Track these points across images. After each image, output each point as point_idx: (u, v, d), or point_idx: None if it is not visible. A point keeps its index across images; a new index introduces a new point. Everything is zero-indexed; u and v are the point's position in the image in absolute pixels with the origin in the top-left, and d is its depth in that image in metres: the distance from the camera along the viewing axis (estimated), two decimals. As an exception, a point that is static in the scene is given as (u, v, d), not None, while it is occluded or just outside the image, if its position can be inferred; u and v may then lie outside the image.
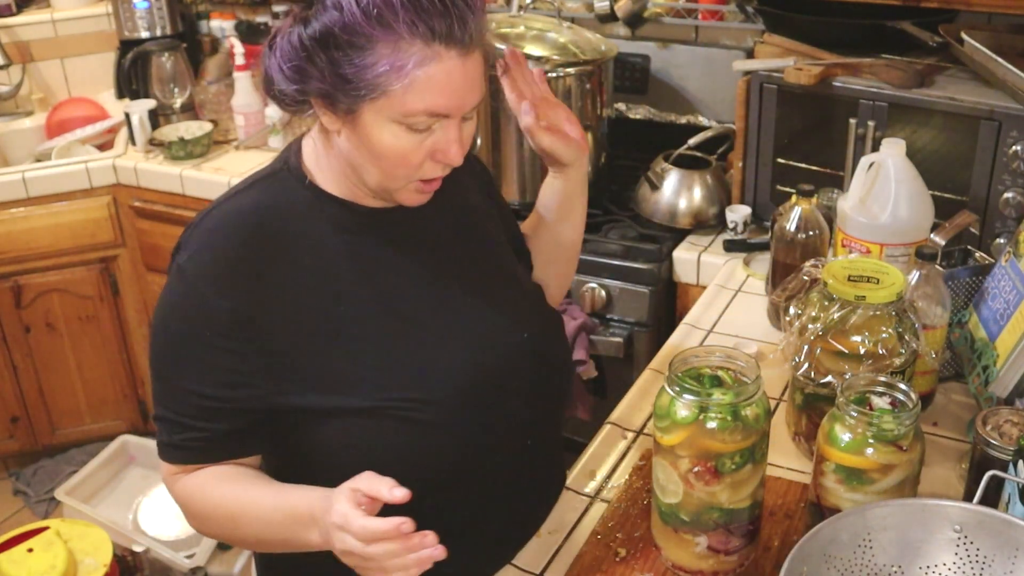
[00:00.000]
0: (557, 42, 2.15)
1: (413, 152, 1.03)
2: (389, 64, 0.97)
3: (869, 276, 1.24)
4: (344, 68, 0.98)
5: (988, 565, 0.94)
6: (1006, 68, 1.65)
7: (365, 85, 0.99)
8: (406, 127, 1.01)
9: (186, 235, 1.12)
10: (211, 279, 1.06)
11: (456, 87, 1.00)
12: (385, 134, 1.02)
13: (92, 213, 2.70)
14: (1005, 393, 1.27)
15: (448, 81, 0.99)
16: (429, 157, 1.05)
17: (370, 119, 1.01)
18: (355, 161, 1.07)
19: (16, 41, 2.99)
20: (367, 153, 1.04)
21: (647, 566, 1.16)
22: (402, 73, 0.97)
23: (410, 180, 1.07)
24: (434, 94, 0.99)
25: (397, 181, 1.07)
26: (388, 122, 1.01)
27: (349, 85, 0.99)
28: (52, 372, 2.85)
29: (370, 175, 1.07)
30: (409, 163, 1.04)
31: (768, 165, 1.97)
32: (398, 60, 0.97)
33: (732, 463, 1.04)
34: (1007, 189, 1.68)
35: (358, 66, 0.98)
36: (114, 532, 2.34)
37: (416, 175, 1.06)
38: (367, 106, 1.00)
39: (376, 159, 1.04)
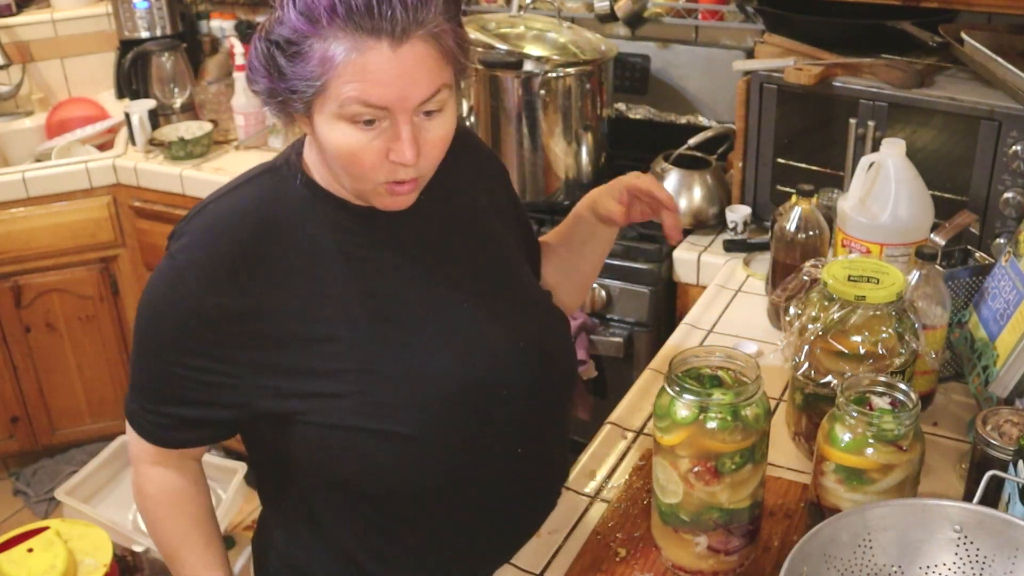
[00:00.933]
0: (557, 42, 2.15)
1: (363, 150, 1.01)
2: (320, 58, 0.97)
3: (869, 276, 1.24)
4: (287, 70, 0.99)
5: (988, 565, 0.94)
6: (1006, 68, 1.65)
7: (304, 83, 0.99)
8: (349, 122, 1.00)
9: (182, 225, 1.12)
10: (201, 275, 1.06)
11: (389, 78, 0.98)
12: (334, 132, 1.01)
13: (92, 213, 2.70)
14: (1005, 393, 1.27)
15: (379, 71, 0.97)
16: (385, 158, 1.02)
17: (320, 119, 1.01)
18: (328, 162, 1.07)
19: (16, 41, 2.99)
20: (327, 155, 1.04)
21: (647, 566, 1.16)
22: (331, 64, 0.97)
23: (374, 182, 1.04)
24: (365, 84, 0.97)
25: (362, 183, 1.05)
26: (333, 119, 1.00)
27: (293, 84, 0.99)
28: (52, 372, 2.85)
29: (344, 178, 1.07)
30: (362, 163, 1.02)
31: (768, 165, 1.97)
32: (327, 52, 0.97)
33: (732, 463, 1.04)
34: (1007, 189, 1.68)
35: (297, 65, 0.98)
36: (114, 532, 2.34)
37: (377, 177, 1.04)
38: (315, 106, 1.00)
39: (333, 160, 1.04)
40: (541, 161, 2.18)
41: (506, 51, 2.09)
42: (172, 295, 1.08)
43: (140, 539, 2.42)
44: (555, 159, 2.19)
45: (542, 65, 2.09)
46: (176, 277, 1.08)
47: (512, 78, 2.10)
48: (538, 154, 2.18)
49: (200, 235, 1.09)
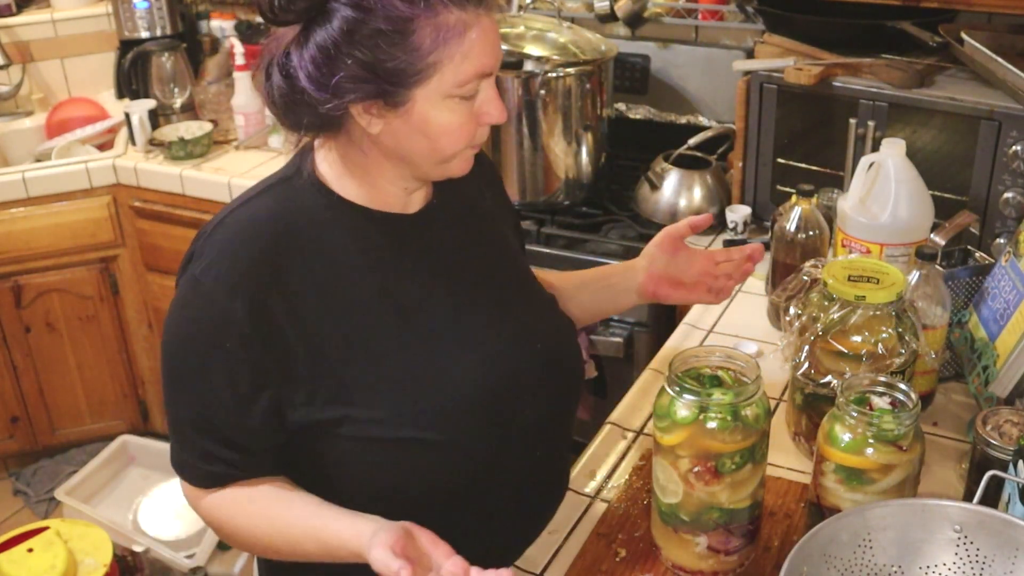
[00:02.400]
0: (557, 42, 2.15)
1: (468, 121, 1.04)
2: (435, 41, 0.97)
3: (869, 276, 1.24)
4: (390, 62, 0.97)
5: (988, 565, 0.94)
6: (1006, 68, 1.65)
7: (416, 70, 0.98)
8: (460, 98, 1.01)
9: (198, 244, 1.08)
10: (228, 287, 1.03)
11: (494, 43, 1.01)
12: (443, 112, 1.01)
13: (92, 213, 2.70)
14: (1005, 393, 1.27)
15: (487, 39, 1.00)
16: (477, 123, 1.05)
17: (425, 103, 1.00)
18: (407, 152, 1.05)
19: (16, 41, 2.99)
20: (422, 138, 1.03)
21: (647, 566, 1.16)
22: (450, 45, 0.98)
23: (466, 149, 1.07)
24: (481, 55, 1.00)
25: (451, 156, 1.06)
26: (443, 99, 1.01)
27: (401, 76, 0.98)
28: (52, 372, 2.85)
29: (425, 160, 1.06)
30: (467, 133, 1.04)
31: (768, 165, 1.97)
32: (443, 34, 0.97)
33: (732, 463, 1.04)
34: (1007, 189, 1.68)
35: (406, 53, 0.97)
36: (114, 532, 2.34)
37: (469, 143, 1.06)
38: (418, 92, 1.00)
39: (435, 140, 1.03)
40: (541, 161, 2.18)
41: (506, 51, 2.09)
42: (203, 316, 1.05)
43: (140, 539, 2.42)
44: (555, 159, 2.19)
45: (542, 65, 2.09)
46: (204, 299, 1.04)
47: (512, 78, 2.10)
48: (538, 154, 2.18)
49: (220, 251, 1.06)
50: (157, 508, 2.59)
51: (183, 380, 1.07)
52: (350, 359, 1.07)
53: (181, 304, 1.07)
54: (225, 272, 1.04)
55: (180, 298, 1.07)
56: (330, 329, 1.07)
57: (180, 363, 1.07)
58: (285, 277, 1.05)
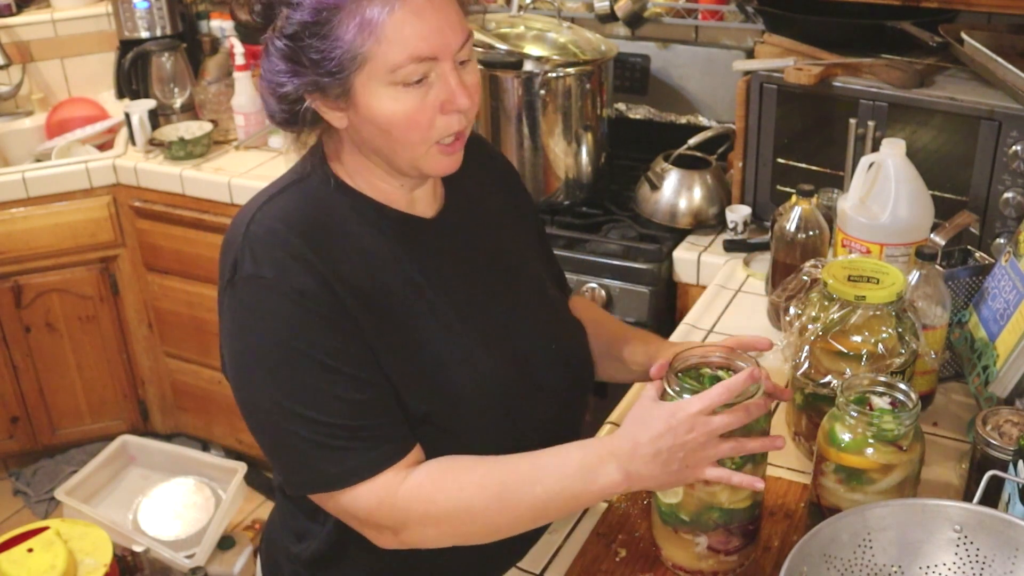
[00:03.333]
0: (557, 42, 2.15)
1: (419, 110, 1.01)
2: (356, 27, 0.96)
3: (869, 276, 1.24)
4: (319, 52, 0.97)
5: (988, 565, 0.94)
6: (1006, 68, 1.65)
7: (343, 59, 0.97)
8: (401, 85, 0.99)
9: (239, 248, 1.04)
10: (290, 267, 1.01)
11: (432, 25, 0.98)
12: (385, 101, 1.00)
13: (92, 213, 2.70)
14: (1005, 393, 1.27)
15: (420, 21, 0.97)
16: (439, 111, 1.02)
17: (364, 93, 1.00)
18: (376, 146, 1.05)
19: (16, 41, 2.99)
20: (377, 130, 1.03)
21: (647, 566, 1.16)
22: (371, 29, 0.96)
23: (429, 143, 1.04)
24: (412, 38, 0.97)
25: (417, 148, 1.04)
26: (382, 87, 0.99)
27: (331, 66, 0.98)
28: (52, 372, 2.85)
29: (395, 154, 1.05)
30: (419, 124, 1.02)
31: (768, 165, 1.97)
32: (363, 19, 0.96)
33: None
34: (1007, 189, 1.68)
35: (331, 43, 0.97)
36: (114, 532, 2.34)
37: (433, 135, 1.04)
38: (356, 81, 0.99)
39: (387, 132, 1.02)
40: (541, 161, 2.18)
41: (506, 51, 2.09)
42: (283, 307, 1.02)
43: (140, 539, 2.42)
44: (555, 159, 2.19)
45: (542, 65, 2.09)
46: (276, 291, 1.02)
47: (512, 78, 2.10)
48: (538, 154, 2.18)
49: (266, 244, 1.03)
50: (157, 508, 2.59)
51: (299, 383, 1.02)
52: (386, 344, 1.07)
53: (251, 308, 1.03)
54: (281, 259, 1.02)
55: (247, 304, 1.03)
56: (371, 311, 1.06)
57: (289, 366, 1.02)
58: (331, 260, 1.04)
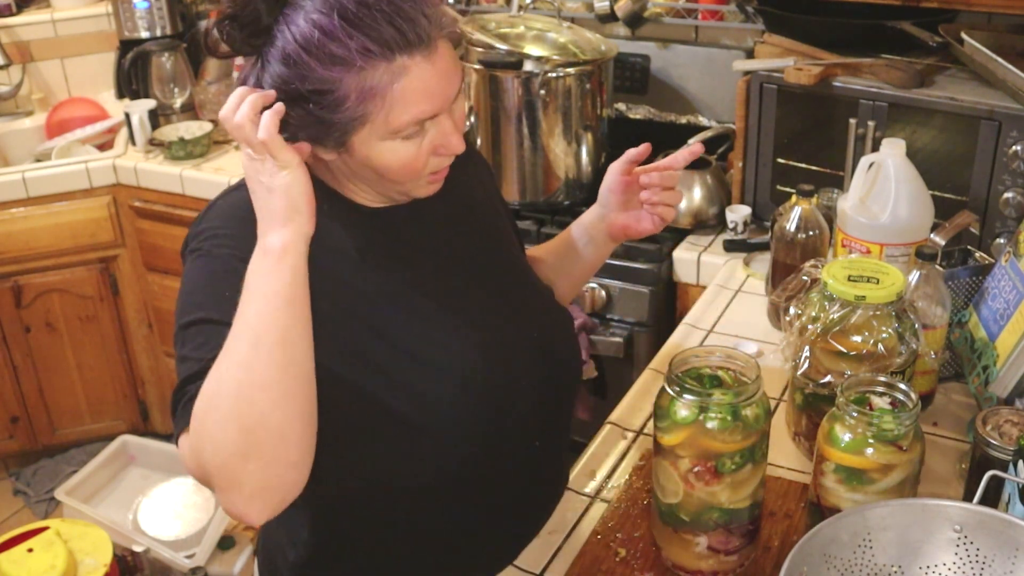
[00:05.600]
0: (557, 42, 2.15)
1: (415, 158, 1.04)
2: (360, 95, 0.97)
3: (869, 276, 1.24)
4: (319, 114, 0.98)
5: (988, 565, 0.94)
6: (1006, 68, 1.65)
7: (344, 122, 0.98)
8: (400, 140, 1.01)
9: (192, 228, 1.08)
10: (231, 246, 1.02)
11: (433, 88, 1.00)
12: (384, 152, 1.02)
13: (92, 213, 2.70)
14: (1005, 393, 1.27)
15: (424, 86, 0.99)
16: (433, 154, 1.05)
17: (362, 147, 1.01)
18: (364, 178, 1.08)
19: (16, 41, 2.99)
20: (371, 172, 1.05)
21: (647, 566, 1.16)
22: (375, 98, 0.97)
23: (421, 178, 1.07)
24: (415, 103, 0.99)
25: (407, 185, 1.08)
26: (381, 142, 1.01)
27: (331, 127, 0.99)
28: (52, 372, 2.85)
29: (384, 187, 1.09)
30: (415, 168, 1.05)
31: (768, 165, 1.97)
32: (367, 88, 0.96)
33: (732, 463, 1.04)
34: (1007, 189, 1.68)
35: (331, 109, 0.97)
36: (114, 532, 2.34)
37: (425, 173, 1.07)
38: (354, 138, 1.01)
39: (382, 174, 1.05)
40: (541, 161, 2.18)
41: (506, 51, 2.09)
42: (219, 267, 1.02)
43: (140, 539, 2.42)
44: (555, 159, 2.19)
45: (542, 65, 2.09)
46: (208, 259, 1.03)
47: (512, 78, 2.10)
48: (538, 154, 2.18)
49: (213, 228, 1.06)
50: (157, 508, 2.59)
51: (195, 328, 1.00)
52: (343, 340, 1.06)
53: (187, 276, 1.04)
54: (223, 238, 1.04)
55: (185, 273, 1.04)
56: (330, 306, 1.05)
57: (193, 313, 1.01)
58: None
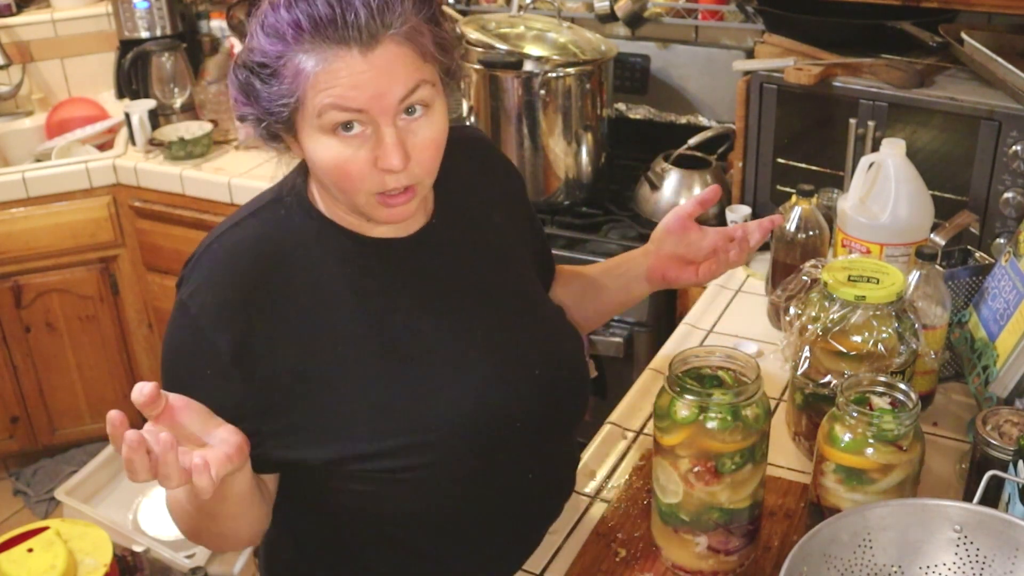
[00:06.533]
0: (557, 42, 2.15)
1: (349, 161, 0.99)
2: (292, 73, 0.97)
3: (869, 276, 1.24)
4: (263, 92, 0.99)
5: (988, 565, 0.94)
6: (1006, 68, 1.65)
7: (280, 102, 0.98)
8: (331, 134, 0.98)
9: (188, 269, 1.08)
10: (212, 315, 1.03)
11: (362, 80, 0.96)
12: (319, 147, 0.99)
13: (92, 213, 2.70)
14: (1005, 393, 1.27)
15: (351, 76, 0.96)
16: (373, 166, 1.00)
17: (304, 137, 1.00)
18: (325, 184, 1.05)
19: (16, 41, 2.99)
20: (318, 172, 1.03)
21: (647, 566, 1.16)
22: (304, 77, 0.96)
23: (366, 195, 1.02)
24: (338, 88, 0.96)
25: (354, 197, 1.03)
26: (316, 133, 0.99)
27: (270, 105, 0.99)
28: (52, 372, 2.85)
29: (340, 197, 1.05)
30: (350, 175, 1.00)
31: (768, 165, 1.97)
32: (298, 67, 0.96)
33: (732, 463, 1.04)
34: (1007, 189, 1.68)
35: (272, 85, 0.98)
36: (114, 532, 2.34)
37: (368, 188, 1.01)
38: (297, 124, 1.00)
39: (323, 176, 1.02)
40: (541, 161, 2.18)
41: (506, 51, 2.09)
42: (188, 342, 1.05)
43: (140, 539, 2.42)
44: (555, 159, 2.19)
45: (542, 65, 2.09)
46: (190, 326, 1.04)
47: (512, 78, 2.10)
48: (538, 154, 2.18)
49: (206, 278, 1.06)
50: (157, 508, 2.59)
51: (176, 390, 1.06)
52: (329, 392, 1.05)
53: (171, 325, 1.08)
54: (210, 302, 1.04)
55: (172, 320, 1.08)
56: (311, 360, 1.05)
57: (170, 379, 1.07)
58: (270, 305, 1.04)
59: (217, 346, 1.03)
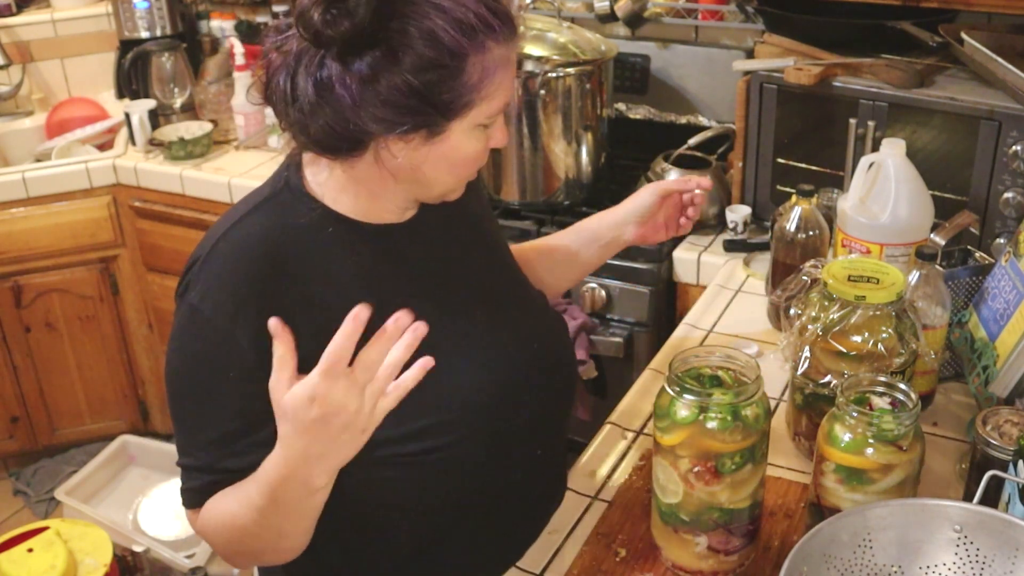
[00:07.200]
0: (557, 42, 2.15)
1: (485, 150, 1.06)
2: (480, 75, 0.98)
3: (869, 276, 1.24)
4: (443, 94, 0.98)
5: (988, 565, 0.94)
6: (1006, 68, 1.65)
7: (463, 103, 0.99)
8: (484, 127, 1.03)
9: (193, 272, 1.06)
10: (230, 313, 1.02)
11: (510, 76, 1.03)
12: (472, 142, 1.03)
13: (92, 213, 2.70)
14: (1005, 393, 1.27)
15: (507, 72, 1.02)
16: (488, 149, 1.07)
17: (460, 133, 1.02)
18: (416, 178, 1.05)
19: (16, 41, 2.99)
20: (445, 165, 1.04)
21: (647, 566, 1.16)
22: (488, 79, 0.99)
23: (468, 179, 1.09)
24: (507, 89, 1.02)
25: (455, 183, 1.09)
26: (474, 129, 1.02)
27: (450, 107, 0.99)
28: (52, 372, 2.85)
29: (431, 187, 1.07)
30: (481, 160, 1.07)
31: (768, 165, 1.97)
32: (486, 68, 0.98)
33: (732, 463, 1.04)
34: (1007, 189, 1.68)
35: (457, 87, 0.98)
36: (114, 532, 2.34)
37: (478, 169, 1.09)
38: (456, 123, 1.01)
39: (457, 168, 1.05)
40: (541, 161, 2.18)
41: (506, 51, 2.09)
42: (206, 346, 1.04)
43: (140, 539, 2.42)
44: (555, 159, 2.19)
45: (542, 65, 2.09)
46: (205, 329, 1.03)
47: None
48: (538, 154, 2.18)
49: (216, 277, 1.04)
50: (157, 508, 2.59)
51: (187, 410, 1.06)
52: None
53: (181, 333, 1.06)
54: (223, 300, 1.03)
55: (180, 327, 1.06)
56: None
57: (185, 395, 1.06)
58: (282, 296, 1.04)
59: (240, 344, 1.01)
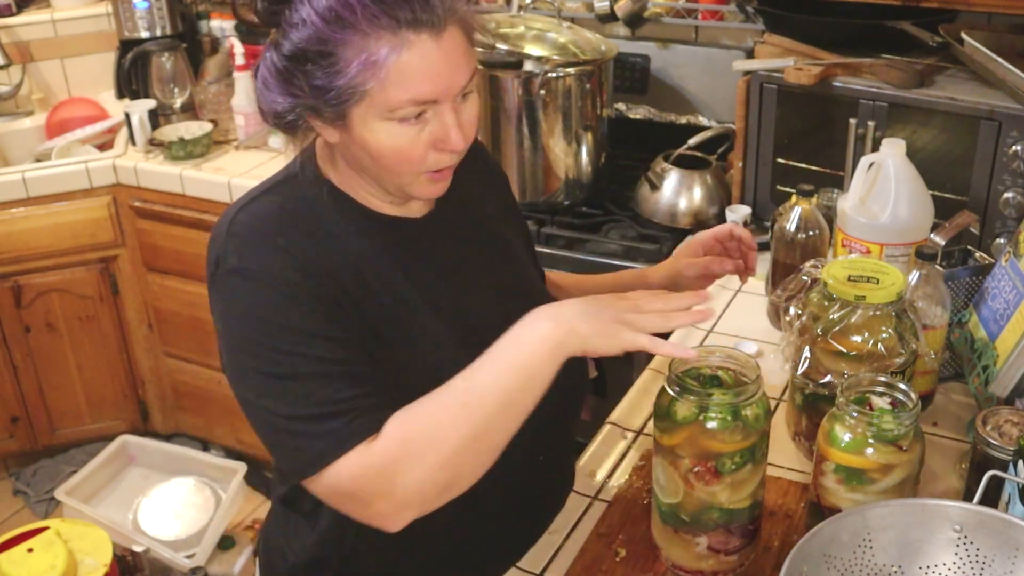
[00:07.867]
0: (557, 42, 2.15)
1: (411, 146, 1.01)
2: (360, 63, 0.95)
3: (869, 276, 1.24)
4: (319, 80, 0.97)
5: (988, 565, 0.94)
6: (1006, 68, 1.65)
7: (343, 91, 0.97)
8: (397, 121, 0.99)
9: (222, 245, 1.04)
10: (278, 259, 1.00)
11: (436, 70, 0.97)
12: (379, 134, 1.00)
13: (92, 213, 2.70)
14: (1005, 393, 1.27)
15: (425, 66, 0.96)
16: (432, 148, 1.02)
17: (360, 123, 0.99)
18: (364, 167, 1.06)
19: (16, 41, 2.99)
20: (368, 157, 1.03)
21: (647, 566, 1.16)
22: (375, 69, 0.95)
23: (418, 174, 1.04)
24: (414, 82, 0.96)
25: (405, 177, 1.05)
26: (378, 121, 0.99)
27: (329, 95, 0.97)
28: (52, 372, 2.85)
29: (382, 178, 1.06)
30: (411, 158, 1.02)
31: (768, 165, 1.97)
32: (369, 57, 0.95)
33: (732, 463, 1.04)
34: (1007, 189, 1.68)
35: (331, 74, 0.96)
36: (114, 532, 2.34)
37: (423, 168, 1.04)
38: (353, 111, 0.99)
39: (377, 160, 1.02)
40: (541, 161, 2.18)
41: (506, 51, 2.09)
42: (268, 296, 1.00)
43: (140, 539, 2.42)
44: (555, 159, 2.19)
45: (542, 65, 2.09)
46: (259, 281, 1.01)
47: (512, 78, 2.10)
48: (538, 154, 2.18)
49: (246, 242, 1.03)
50: (157, 508, 2.59)
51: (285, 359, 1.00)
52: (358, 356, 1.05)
53: (237, 300, 1.02)
54: (263, 253, 1.01)
55: (232, 295, 1.02)
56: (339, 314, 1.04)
57: (272, 345, 1.00)
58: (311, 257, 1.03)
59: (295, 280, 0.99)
